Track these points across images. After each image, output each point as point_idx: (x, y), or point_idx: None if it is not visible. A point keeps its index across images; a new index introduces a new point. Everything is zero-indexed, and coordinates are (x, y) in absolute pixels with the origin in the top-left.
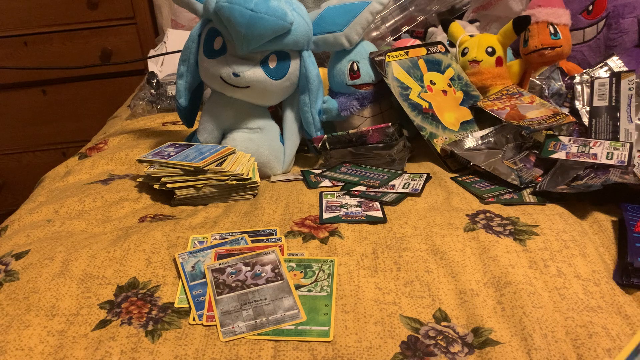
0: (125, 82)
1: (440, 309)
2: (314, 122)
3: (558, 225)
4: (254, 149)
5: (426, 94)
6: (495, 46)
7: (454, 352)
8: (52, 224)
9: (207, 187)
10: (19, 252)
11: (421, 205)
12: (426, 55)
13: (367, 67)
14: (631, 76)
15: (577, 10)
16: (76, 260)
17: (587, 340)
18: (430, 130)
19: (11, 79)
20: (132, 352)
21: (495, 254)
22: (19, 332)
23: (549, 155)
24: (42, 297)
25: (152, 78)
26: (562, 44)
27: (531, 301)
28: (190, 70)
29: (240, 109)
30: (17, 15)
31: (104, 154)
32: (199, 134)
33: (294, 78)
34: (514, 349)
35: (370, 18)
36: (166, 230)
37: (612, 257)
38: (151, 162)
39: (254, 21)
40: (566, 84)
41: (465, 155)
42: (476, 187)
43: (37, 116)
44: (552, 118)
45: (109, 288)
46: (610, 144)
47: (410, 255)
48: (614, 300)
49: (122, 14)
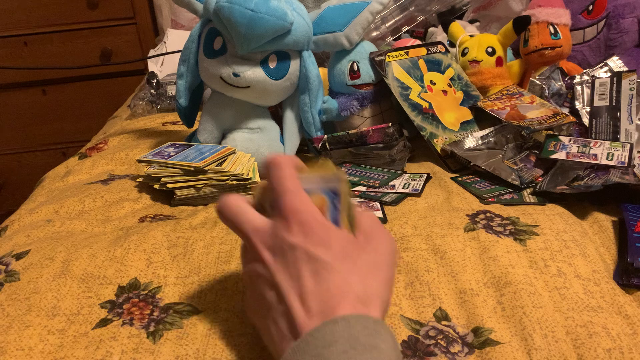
0: (125, 82)
1: (440, 308)
2: (314, 122)
3: (558, 226)
4: (254, 149)
5: (426, 94)
6: (496, 46)
7: (454, 352)
8: (52, 224)
9: (207, 187)
10: (19, 252)
11: (421, 206)
12: (426, 55)
13: (367, 67)
14: (632, 76)
15: (577, 10)
16: (77, 260)
17: (587, 340)
18: (431, 130)
19: (11, 79)
20: (133, 352)
21: (495, 254)
22: (19, 332)
23: (549, 156)
24: (43, 298)
25: (152, 78)
26: (562, 44)
27: (531, 301)
28: (190, 70)
29: (240, 109)
30: (17, 15)
31: (104, 154)
32: (199, 134)
33: (294, 78)
34: (514, 349)
35: (371, 18)
36: (166, 230)
37: (612, 257)
38: (151, 162)
39: (254, 21)
40: (566, 84)
41: (466, 155)
42: (476, 187)
43: (37, 116)
44: (552, 118)
45: (110, 288)
46: (611, 145)
47: (411, 255)
48: (614, 300)
49: (122, 14)
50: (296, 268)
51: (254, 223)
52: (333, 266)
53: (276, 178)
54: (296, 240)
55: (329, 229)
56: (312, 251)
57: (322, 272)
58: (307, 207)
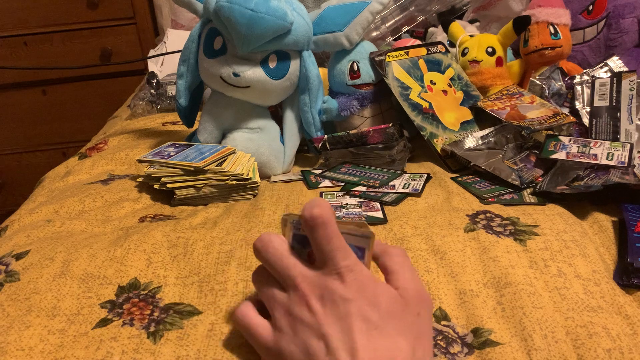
0: (125, 82)
1: (440, 308)
2: (314, 122)
3: (558, 226)
4: (254, 149)
5: (426, 94)
6: (496, 46)
7: (453, 353)
8: (52, 224)
9: (207, 187)
10: (19, 253)
11: (421, 206)
12: (426, 55)
13: (367, 67)
14: (632, 76)
15: (577, 10)
16: (77, 260)
17: (587, 341)
18: (431, 130)
19: (11, 79)
20: (134, 352)
21: (495, 255)
22: (19, 332)
23: (549, 156)
24: (43, 298)
25: (152, 78)
26: (562, 44)
27: (531, 301)
28: (190, 70)
29: (241, 109)
30: (17, 15)
31: (104, 154)
32: (199, 134)
33: (294, 78)
34: (514, 349)
35: (371, 18)
36: (166, 231)
37: (613, 257)
38: (151, 162)
39: (254, 21)
40: (566, 84)
41: (466, 155)
42: (476, 187)
43: (37, 116)
44: (552, 118)
45: (110, 288)
46: (611, 145)
47: (411, 256)
48: (615, 300)
49: (122, 14)
50: (348, 323)
51: (302, 269)
52: (384, 327)
53: (325, 238)
54: (349, 295)
55: (379, 287)
56: (365, 308)
57: (373, 331)
58: (360, 267)
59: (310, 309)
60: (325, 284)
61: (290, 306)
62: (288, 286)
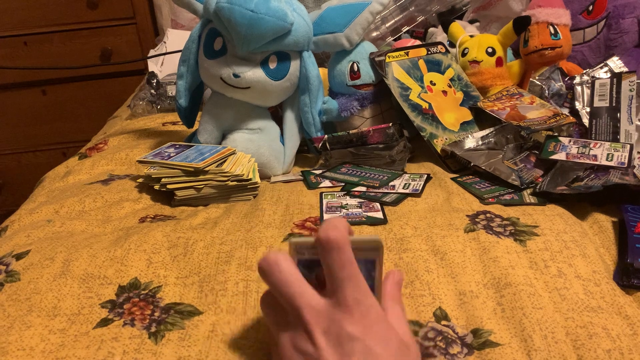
0: (125, 82)
1: (440, 308)
2: (314, 123)
3: (558, 226)
4: (254, 149)
5: (426, 95)
6: (496, 46)
7: (453, 354)
8: (52, 224)
9: (208, 188)
10: (19, 253)
11: (421, 206)
12: (426, 55)
13: (367, 67)
14: (632, 77)
15: (577, 11)
16: (77, 260)
17: (587, 341)
18: (430, 130)
19: (11, 79)
20: (135, 352)
21: (495, 255)
22: (20, 332)
23: (549, 156)
24: (43, 298)
25: (152, 78)
26: (562, 44)
27: (531, 302)
28: (190, 70)
29: (241, 109)
30: (17, 15)
31: (104, 154)
32: (199, 134)
33: (294, 79)
34: (514, 350)
35: (371, 18)
36: (166, 231)
37: (613, 257)
38: (151, 162)
39: (254, 22)
40: (566, 85)
41: (466, 155)
42: (476, 187)
43: (37, 116)
44: (552, 119)
45: (111, 288)
46: (611, 145)
47: (411, 256)
48: (615, 300)
49: (122, 14)
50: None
51: (309, 299)
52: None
53: (339, 264)
54: (356, 332)
55: (388, 325)
56: (371, 346)
57: None
58: (370, 301)
59: (314, 343)
60: (333, 317)
61: (295, 337)
62: (293, 315)
